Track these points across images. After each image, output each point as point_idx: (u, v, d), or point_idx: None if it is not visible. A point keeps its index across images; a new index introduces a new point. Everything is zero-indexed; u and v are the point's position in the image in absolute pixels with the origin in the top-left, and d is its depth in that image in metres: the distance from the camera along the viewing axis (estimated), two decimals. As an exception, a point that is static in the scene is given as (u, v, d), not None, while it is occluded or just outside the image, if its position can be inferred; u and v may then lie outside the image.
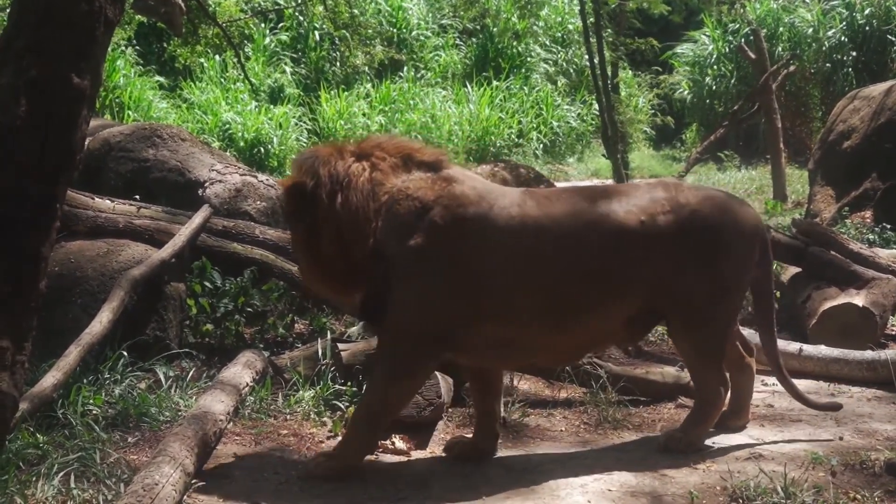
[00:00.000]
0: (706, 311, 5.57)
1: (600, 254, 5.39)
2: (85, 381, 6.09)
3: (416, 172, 5.42)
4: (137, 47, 22.59)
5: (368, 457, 5.48)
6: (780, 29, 23.40)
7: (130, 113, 20.36)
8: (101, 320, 6.26)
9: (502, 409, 5.98)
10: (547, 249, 5.33)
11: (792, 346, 7.15)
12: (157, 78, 22.49)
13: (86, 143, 4.40)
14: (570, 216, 5.41)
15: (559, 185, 12.88)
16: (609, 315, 5.48)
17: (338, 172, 5.36)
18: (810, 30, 23.05)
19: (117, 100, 20.57)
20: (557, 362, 6.33)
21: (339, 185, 5.33)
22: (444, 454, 5.65)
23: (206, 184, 9.08)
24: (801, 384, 6.84)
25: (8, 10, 4.33)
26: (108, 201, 7.95)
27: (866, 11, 22.15)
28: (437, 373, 5.98)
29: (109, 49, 4.39)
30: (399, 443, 5.71)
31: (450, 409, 6.24)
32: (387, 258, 5.25)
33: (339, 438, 5.74)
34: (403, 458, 5.60)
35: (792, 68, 18.64)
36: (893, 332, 8.07)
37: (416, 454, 5.66)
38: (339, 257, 5.35)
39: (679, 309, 5.57)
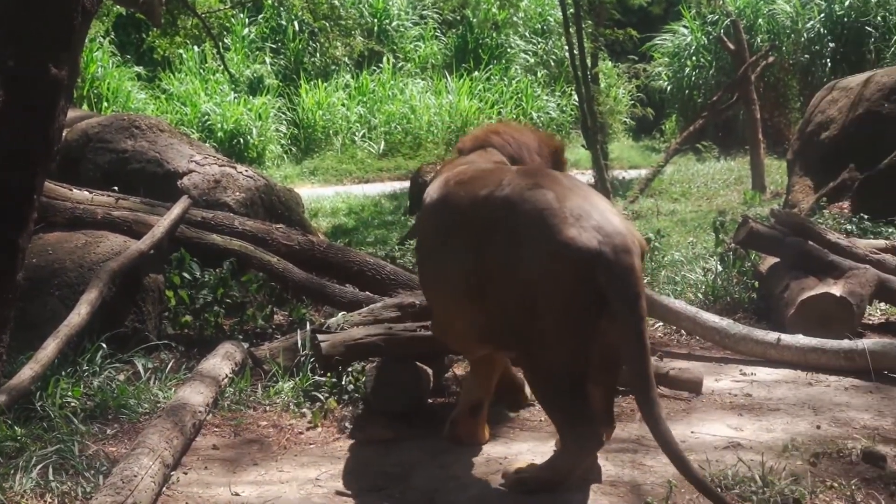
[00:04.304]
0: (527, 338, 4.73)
1: (452, 244, 5.01)
2: (63, 373, 6.08)
3: None
4: (115, 38, 22.52)
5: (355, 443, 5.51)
6: (759, 20, 23.45)
7: (108, 104, 20.31)
8: (80, 312, 6.25)
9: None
10: (430, 231, 5.35)
11: (770, 336, 7.17)
12: (136, 69, 22.44)
13: (63, 133, 4.38)
14: (441, 196, 5.21)
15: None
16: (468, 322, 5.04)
17: None
18: (789, 21, 23.11)
19: (95, 91, 20.54)
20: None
21: None
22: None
23: (185, 175, 9.06)
24: (779, 373, 6.88)
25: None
26: (86, 192, 7.93)
27: (846, 3, 22.23)
28: (416, 363, 6.01)
29: (87, 40, 4.38)
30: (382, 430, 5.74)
31: (430, 400, 6.24)
32: None
33: (320, 430, 5.77)
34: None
35: (771, 59, 18.67)
36: (871, 322, 8.12)
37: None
38: None
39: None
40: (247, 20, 23.76)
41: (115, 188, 8.24)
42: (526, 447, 5.48)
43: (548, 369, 4.72)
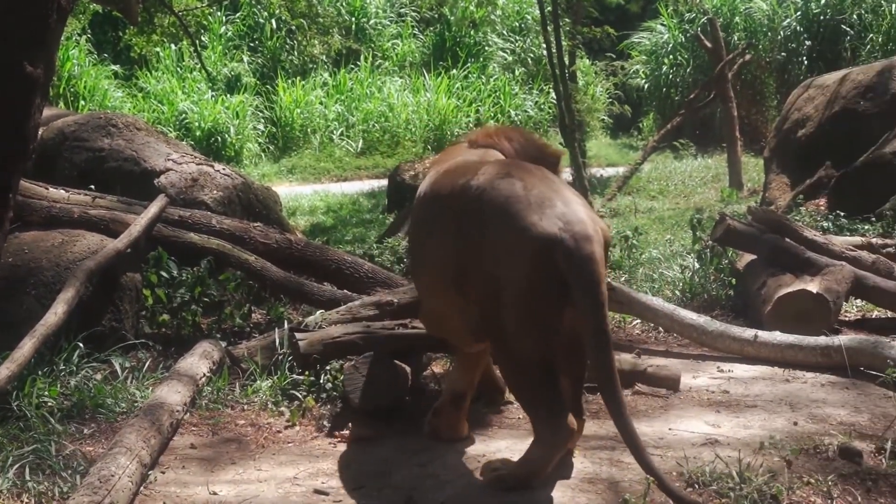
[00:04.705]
0: (493, 319, 4.76)
1: (438, 234, 5.09)
2: (40, 372, 6.04)
3: None
4: (92, 36, 22.44)
5: (333, 441, 5.50)
6: (736, 18, 23.57)
7: (85, 102, 20.23)
8: (56, 311, 6.21)
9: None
10: (420, 223, 5.45)
11: (747, 333, 7.19)
12: (113, 67, 22.36)
13: (39, 132, 4.36)
14: (429, 187, 5.36)
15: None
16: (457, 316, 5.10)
17: None
18: (766, 19, 23.22)
19: (72, 89, 20.46)
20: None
21: None
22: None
23: (162, 173, 9.03)
24: (757, 370, 6.90)
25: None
26: (62, 191, 7.89)
27: (822, 1, 22.35)
28: (395, 361, 6.01)
29: (63, 37, 4.36)
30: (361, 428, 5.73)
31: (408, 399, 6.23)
32: None
33: (298, 428, 5.77)
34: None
35: (747, 57, 18.75)
36: (847, 318, 8.16)
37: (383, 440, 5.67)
38: None
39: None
40: (224, 18, 23.71)
41: (92, 187, 8.21)
42: (504, 444, 5.48)
43: (516, 359, 4.76)
